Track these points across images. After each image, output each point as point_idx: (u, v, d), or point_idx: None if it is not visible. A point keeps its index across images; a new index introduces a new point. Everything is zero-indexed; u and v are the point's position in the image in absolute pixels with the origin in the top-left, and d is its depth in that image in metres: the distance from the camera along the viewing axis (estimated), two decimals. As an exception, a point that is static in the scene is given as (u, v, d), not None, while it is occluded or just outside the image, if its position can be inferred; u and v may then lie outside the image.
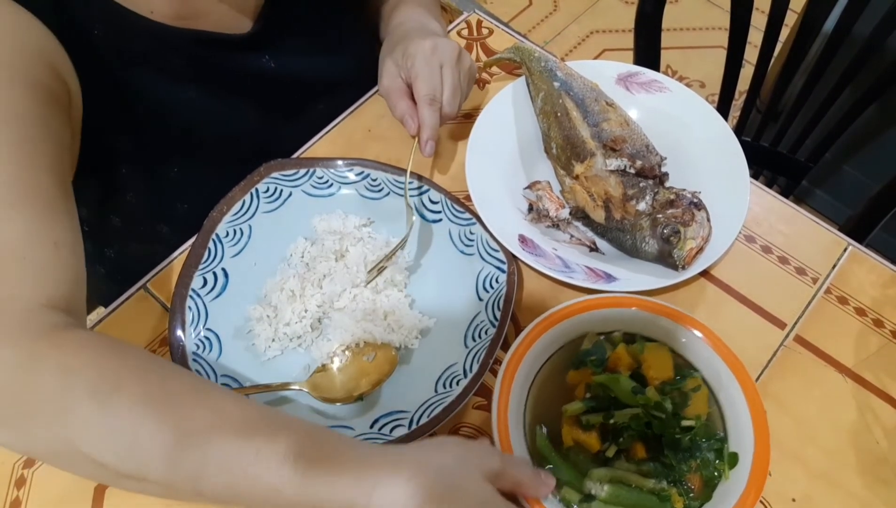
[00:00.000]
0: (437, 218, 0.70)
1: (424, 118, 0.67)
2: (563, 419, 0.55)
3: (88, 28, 0.61)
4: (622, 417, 0.53)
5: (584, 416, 0.55)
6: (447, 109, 0.69)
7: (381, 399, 0.61)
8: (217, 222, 0.68)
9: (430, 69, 0.68)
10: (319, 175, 0.72)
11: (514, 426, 0.54)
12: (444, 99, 0.68)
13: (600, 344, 0.59)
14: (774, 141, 1.15)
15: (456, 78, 0.69)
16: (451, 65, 0.69)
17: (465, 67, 0.72)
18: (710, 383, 0.58)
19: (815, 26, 1.00)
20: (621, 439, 0.54)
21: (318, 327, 0.65)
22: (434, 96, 0.68)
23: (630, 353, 0.58)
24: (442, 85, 0.68)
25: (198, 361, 0.61)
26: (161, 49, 0.66)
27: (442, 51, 0.69)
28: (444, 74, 0.69)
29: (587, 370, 0.57)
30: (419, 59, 0.68)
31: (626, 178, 0.68)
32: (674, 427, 0.53)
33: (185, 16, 0.66)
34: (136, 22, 0.63)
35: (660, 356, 0.58)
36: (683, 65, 2.01)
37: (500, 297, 0.64)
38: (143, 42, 0.65)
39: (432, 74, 0.68)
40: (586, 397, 0.56)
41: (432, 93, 0.68)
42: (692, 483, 0.54)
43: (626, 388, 0.54)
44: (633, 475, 0.53)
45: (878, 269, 0.69)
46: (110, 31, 0.62)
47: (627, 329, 0.61)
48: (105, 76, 0.63)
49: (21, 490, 0.58)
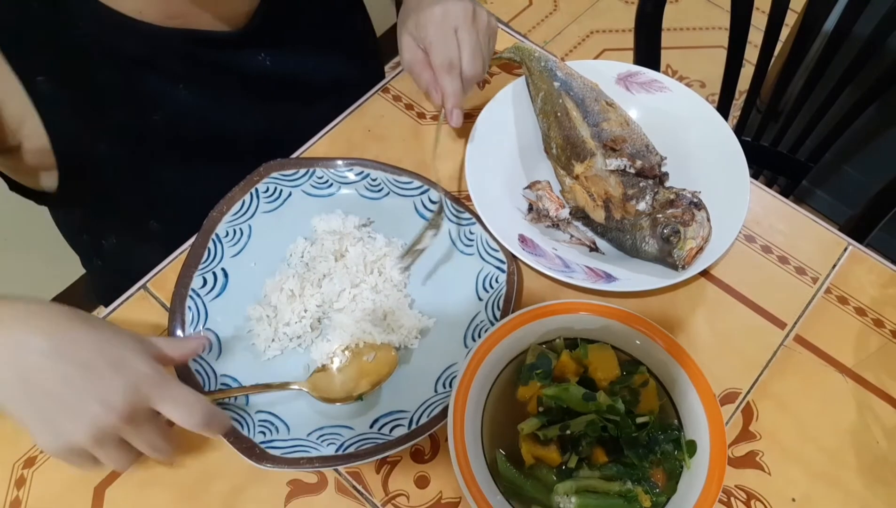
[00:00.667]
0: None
1: (445, 87, 0.66)
2: (520, 438, 0.55)
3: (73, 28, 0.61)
4: (578, 426, 0.53)
5: (541, 431, 0.54)
6: (469, 73, 0.67)
7: (381, 399, 0.61)
8: (217, 222, 0.68)
9: (444, 35, 0.66)
10: (319, 175, 0.72)
11: (473, 454, 0.53)
12: (464, 62, 0.66)
13: (544, 355, 0.58)
14: (774, 141, 1.15)
15: (473, 38, 0.67)
16: (466, 26, 0.67)
17: (481, 24, 0.69)
18: (658, 374, 0.58)
19: (815, 26, 1.00)
20: (580, 447, 0.54)
21: (317, 327, 0.65)
22: (451, 62, 0.66)
23: (574, 359, 0.58)
24: (459, 49, 0.66)
25: (198, 361, 0.61)
26: (151, 50, 0.66)
27: (453, 14, 0.67)
28: (459, 37, 0.66)
29: (535, 383, 0.57)
30: (431, 28, 0.66)
31: (626, 178, 0.68)
32: (629, 426, 0.53)
33: (174, 15, 0.65)
34: (123, 23, 0.63)
35: (604, 356, 0.58)
36: (683, 65, 2.00)
37: (499, 297, 0.64)
38: (133, 43, 0.65)
39: (446, 40, 0.66)
40: (539, 411, 0.56)
41: (448, 59, 0.66)
42: (656, 478, 0.54)
43: (577, 396, 0.54)
44: (597, 481, 0.53)
45: (878, 269, 0.69)
46: (98, 32, 0.62)
47: (567, 335, 0.60)
48: (95, 77, 0.63)
49: (21, 489, 0.58)
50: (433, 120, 0.79)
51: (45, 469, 0.59)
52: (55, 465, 0.59)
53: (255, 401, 0.60)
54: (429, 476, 0.59)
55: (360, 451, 0.56)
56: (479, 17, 0.69)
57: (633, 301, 0.66)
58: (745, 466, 0.59)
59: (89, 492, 0.58)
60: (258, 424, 0.58)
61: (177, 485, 0.58)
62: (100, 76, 0.64)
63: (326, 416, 0.60)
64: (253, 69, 0.74)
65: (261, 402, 0.60)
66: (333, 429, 0.59)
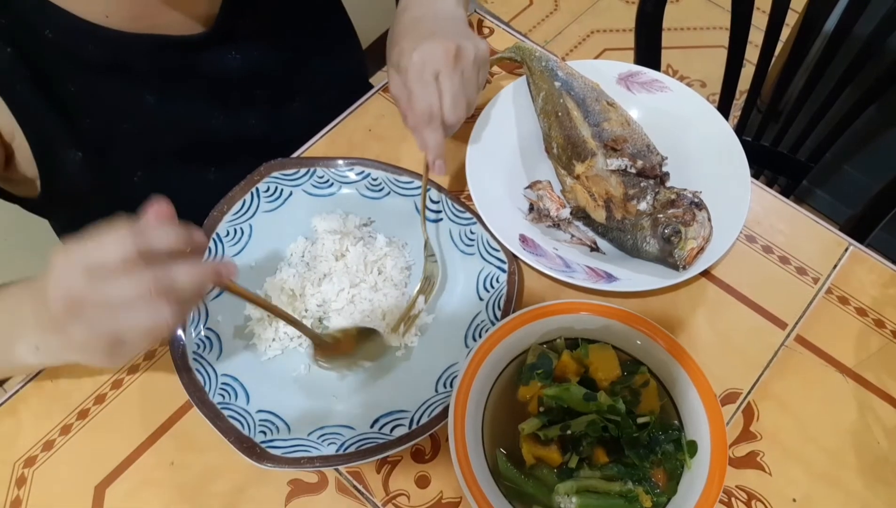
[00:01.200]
0: (437, 218, 0.70)
1: (425, 141, 0.64)
2: (521, 438, 0.55)
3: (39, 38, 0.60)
4: (578, 426, 0.53)
5: (542, 431, 0.54)
6: (450, 120, 0.64)
7: (382, 399, 0.61)
8: (217, 222, 0.68)
9: (424, 85, 0.63)
10: (320, 175, 0.72)
11: (473, 454, 0.53)
12: (445, 110, 0.63)
13: (545, 355, 0.58)
14: (775, 141, 1.15)
15: (455, 84, 0.64)
16: (448, 71, 0.63)
17: (466, 62, 0.65)
18: (659, 374, 0.58)
19: (815, 26, 1.00)
20: (581, 447, 0.54)
21: (318, 326, 0.65)
22: (432, 113, 0.63)
23: (575, 359, 0.58)
24: (440, 97, 0.63)
25: (198, 360, 0.61)
26: (118, 56, 0.65)
27: (434, 60, 0.63)
28: (440, 83, 0.63)
29: (536, 383, 0.57)
30: (411, 76, 0.63)
31: (626, 177, 0.68)
32: (630, 427, 0.53)
33: (139, 18, 0.65)
34: (90, 30, 0.62)
35: (605, 356, 0.58)
36: (684, 64, 2.00)
37: (500, 297, 0.64)
38: (99, 49, 0.64)
39: (426, 89, 0.63)
40: (540, 410, 0.56)
41: (429, 110, 0.63)
42: (657, 478, 0.54)
43: (578, 396, 0.54)
44: (598, 481, 0.53)
45: (878, 269, 0.69)
46: (64, 39, 0.62)
47: (567, 335, 0.60)
48: (61, 85, 0.63)
49: (21, 489, 0.58)
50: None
51: (45, 468, 0.59)
52: (55, 465, 0.59)
53: (256, 400, 0.60)
54: (429, 476, 0.59)
55: (361, 451, 0.56)
56: (463, 54, 0.64)
57: (633, 301, 0.66)
58: (745, 466, 0.59)
59: (89, 492, 0.58)
60: (259, 424, 0.58)
61: (177, 485, 0.58)
62: (69, 84, 0.63)
63: (327, 416, 0.60)
64: (224, 70, 0.73)
65: (261, 402, 0.60)
66: (334, 429, 0.59)
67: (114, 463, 0.59)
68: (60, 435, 0.61)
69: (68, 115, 0.64)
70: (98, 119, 0.67)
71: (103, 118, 0.67)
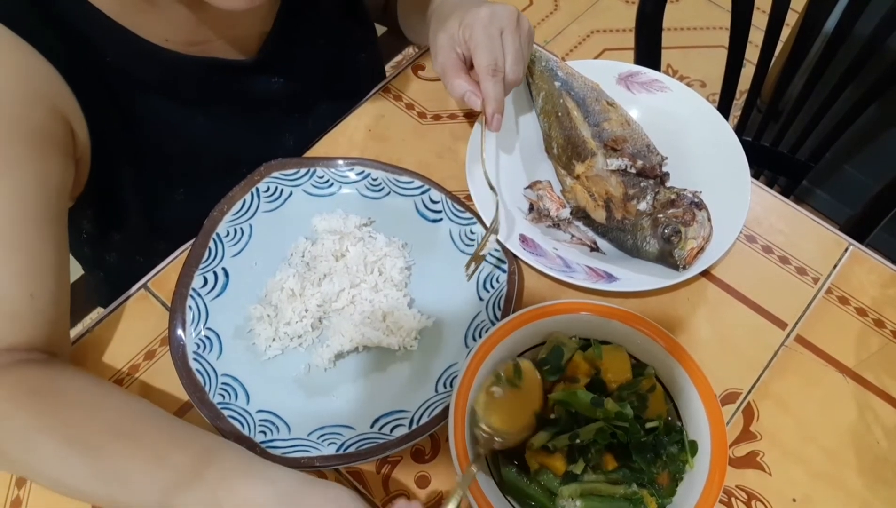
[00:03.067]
0: (437, 218, 0.70)
1: (488, 91, 0.64)
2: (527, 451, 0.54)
3: (100, 56, 0.61)
4: (587, 434, 0.52)
5: (551, 442, 0.54)
6: (511, 77, 0.65)
7: (382, 399, 0.61)
8: (217, 222, 0.68)
9: (490, 38, 0.64)
10: (320, 175, 0.72)
11: (473, 454, 0.52)
12: (507, 67, 0.65)
13: (558, 349, 0.58)
14: (775, 141, 1.15)
15: (517, 43, 0.66)
16: (511, 30, 0.65)
17: (524, 30, 0.68)
18: (659, 375, 0.58)
19: (815, 26, 1.00)
20: (589, 455, 0.53)
21: (318, 326, 0.65)
22: (497, 66, 0.64)
23: (587, 359, 0.57)
24: (504, 53, 0.65)
25: (198, 360, 0.61)
26: (174, 76, 0.67)
27: (500, 17, 0.65)
28: (504, 40, 0.65)
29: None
30: (477, 29, 0.64)
31: (626, 177, 0.68)
32: (638, 432, 0.53)
33: (195, 42, 0.66)
34: (151, 51, 0.63)
35: (617, 358, 0.58)
36: (684, 64, 2.00)
37: (500, 297, 0.64)
38: (156, 70, 0.65)
39: (492, 43, 0.64)
40: (551, 416, 0.55)
41: (494, 63, 0.64)
42: (661, 481, 0.54)
43: (585, 401, 0.53)
44: (603, 484, 0.53)
45: (878, 269, 0.69)
46: (123, 59, 0.62)
47: (567, 335, 0.60)
48: (114, 103, 0.63)
49: (21, 489, 0.58)
50: (420, 119, 0.79)
51: (45, 468, 0.59)
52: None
53: (256, 400, 0.60)
54: (429, 476, 0.59)
55: (361, 451, 0.56)
56: (522, 22, 0.68)
57: (633, 301, 0.66)
58: (745, 466, 0.59)
59: (90, 492, 0.58)
60: (259, 424, 0.58)
61: (177, 485, 0.58)
62: (116, 101, 0.64)
63: (327, 416, 0.60)
64: (267, 93, 0.74)
65: (262, 402, 0.60)
66: (334, 429, 0.59)
67: (114, 463, 0.59)
68: (60, 435, 0.61)
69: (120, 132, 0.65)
70: (150, 138, 0.68)
71: (154, 137, 0.68)
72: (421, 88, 0.82)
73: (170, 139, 0.70)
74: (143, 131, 0.67)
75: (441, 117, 0.79)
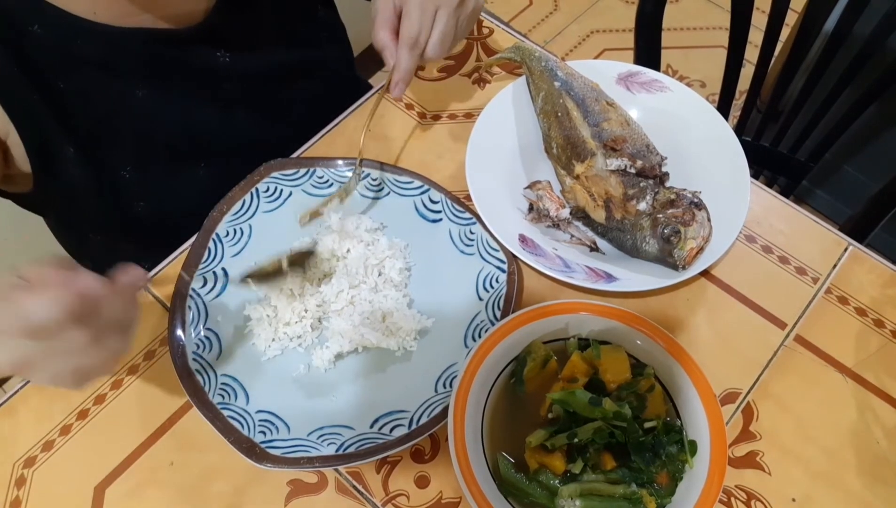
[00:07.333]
0: (437, 218, 0.70)
1: (400, 60, 0.65)
2: (526, 449, 0.55)
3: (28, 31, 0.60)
4: (585, 433, 0.53)
5: (549, 441, 0.54)
6: (430, 54, 0.66)
7: (381, 399, 0.61)
8: (217, 222, 0.68)
9: (423, 11, 0.64)
10: (319, 175, 0.72)
11: (473, 454, 0.53)
12: (430, 43, 0.65)
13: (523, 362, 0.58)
14: (775, 141, 1.15)
15: (450, 25, 0.65)
16: (448, 10, 0.65)
17: (466, 10, 0.67)
18: (659, 374, 0.58)
19: (815, 26, 1.00)
20: (588, 454, 0.53)
21: (318, 327, 0.65)
22: (417, 41, 0.64)
23: (586, 359, 0.57)
24: (431, 28, 0.65)
25: (198, 360, 0.61)
26: (107, 51, 0.65)
27: None
28: (437, 16, 0.65)
29: None
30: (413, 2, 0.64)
31: (626, 178, 0.68)
32: (637, 432, 0.53)
33: (127, 13, 0.64)
34: (80, 26, 0.62)
35: (616, 358, 0.58)
36: (684, 64, 2.00)
37: (500, 297, 0.64)
38: (89, 45, 0.64)
39: (423, 17, 0.64)
40: (549, 417, 0.56)
41: (415, 36, 0.64)
42: (661, 481, 0.54)
43: (583, 401, 0.54)
44: (602, 484, 0.53)
45: (878, 269, 0.69)
46: (52, 34, 0.61)
47: (567, 335, 0.60)
48: (51, 81, 0.63)
49: (21, 489, 0.58)
50: (420, 119, 0.79)
51: (45, 468, 0.59)
52: (55, 465, 0.59)
53: (256, 401, 0.60)
54: (429, 476, 0.59)
55: (361, 451, 0.56)
56: (466, 2, 0.67)
57: (633, 301, 0.66)
58: (745, 466, 0.59)
59: (89, 492, 0.58)
60: (258, 424, 0.58)
61: (177, 485, 0.58)
62: (58, 80, 0.63)
63: (326, 416, 0.60)
64: (213, 67, 0.72)
65: (261, 402, 0.60)
66: (333, 429, 0.59)
67: (113, 464, 0.59)
68: (60, 436, 0.61)
69: (60, 111, 0.64)
70: (89, 114, 0.67)
71: (94, 113, 0.67)
72: (421, 88, 0.82)
73: (109, 115, 0.68)
74: (82, 108, 0.66)
75: (441, 117, 0.79)
